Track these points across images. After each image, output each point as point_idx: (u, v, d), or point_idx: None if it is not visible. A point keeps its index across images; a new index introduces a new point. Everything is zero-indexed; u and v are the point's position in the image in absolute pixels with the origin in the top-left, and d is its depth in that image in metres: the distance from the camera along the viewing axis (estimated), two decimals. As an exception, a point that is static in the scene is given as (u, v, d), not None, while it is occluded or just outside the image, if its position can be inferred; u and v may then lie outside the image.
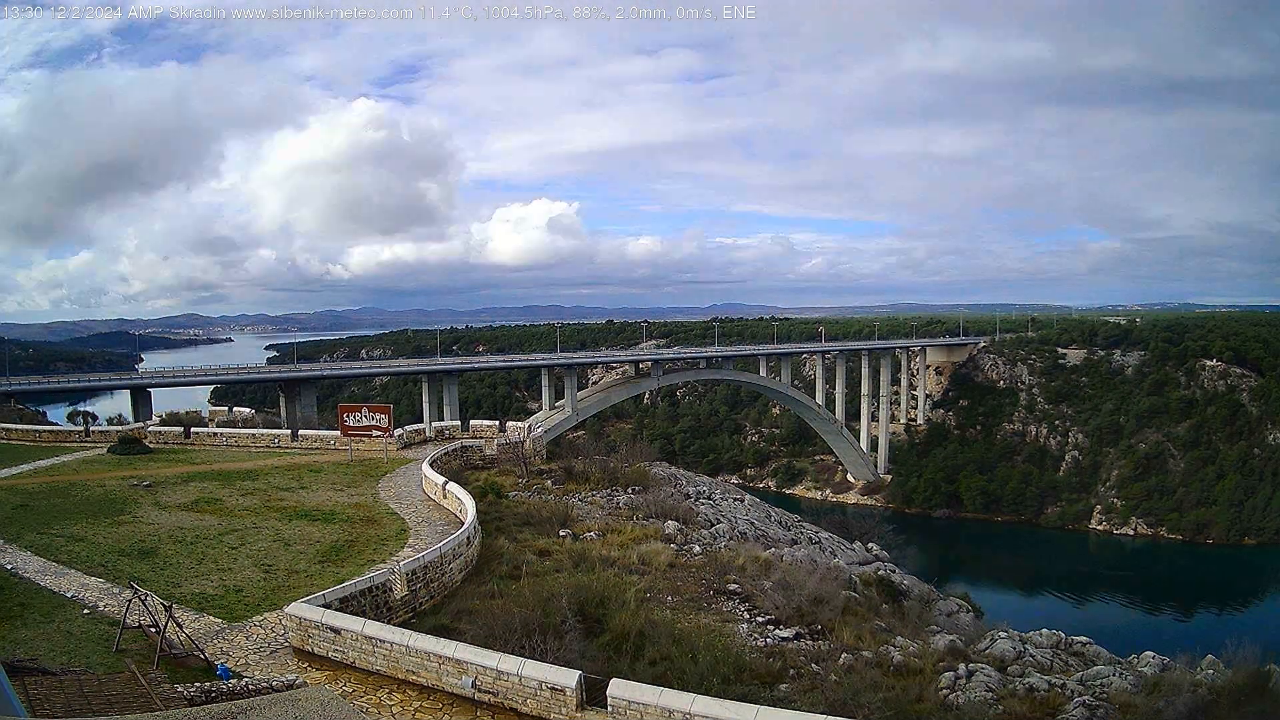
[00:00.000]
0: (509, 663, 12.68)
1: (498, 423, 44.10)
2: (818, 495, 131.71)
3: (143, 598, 15.11)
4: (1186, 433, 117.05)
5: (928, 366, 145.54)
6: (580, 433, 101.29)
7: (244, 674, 13.88)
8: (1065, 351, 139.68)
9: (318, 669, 14.28)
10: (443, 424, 46.69)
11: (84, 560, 20.10)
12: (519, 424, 44.45)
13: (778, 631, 17.99)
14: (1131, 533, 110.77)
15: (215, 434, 42.47)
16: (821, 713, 11.05)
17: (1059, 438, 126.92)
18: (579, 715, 11.96)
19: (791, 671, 15.28)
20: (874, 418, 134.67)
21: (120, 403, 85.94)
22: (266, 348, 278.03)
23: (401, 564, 18.17)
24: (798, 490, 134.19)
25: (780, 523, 38.37)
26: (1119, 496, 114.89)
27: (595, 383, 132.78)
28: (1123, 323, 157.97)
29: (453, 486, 26.77)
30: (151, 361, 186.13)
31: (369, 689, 13.53)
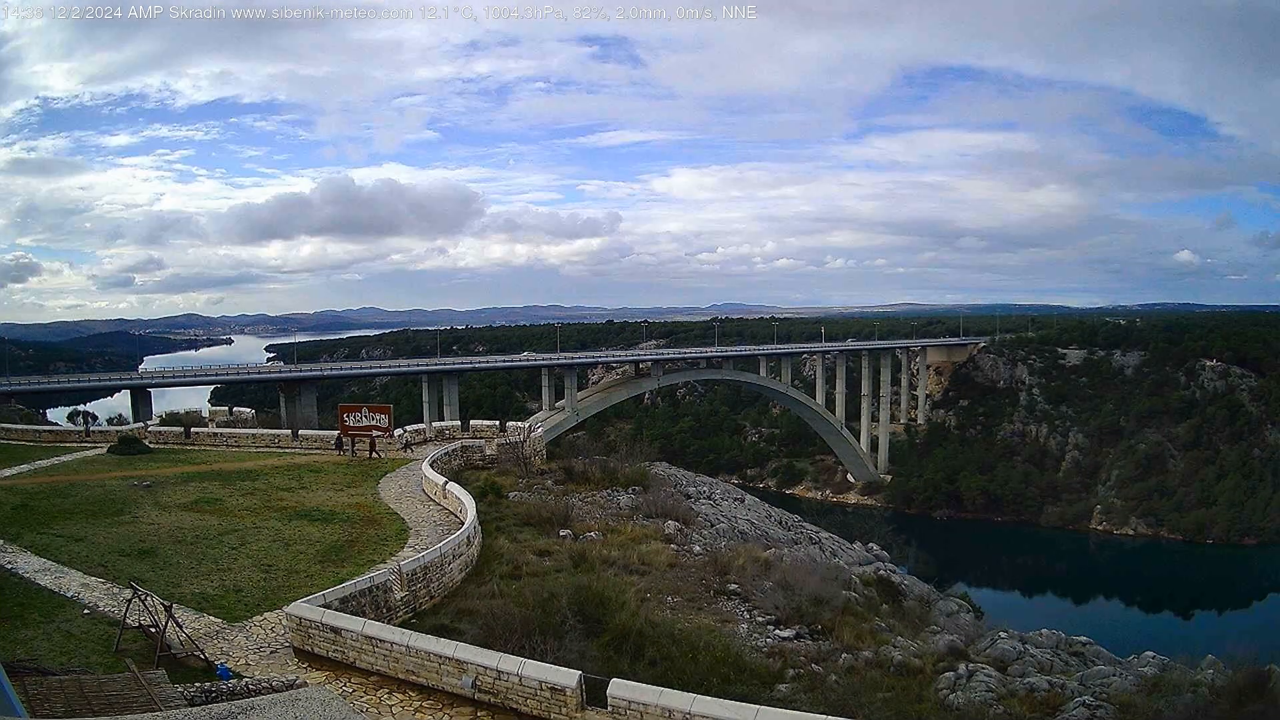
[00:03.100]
0: (509, 663, 12.68)
1: (498, 423, 44.10)
2: (818, 495, 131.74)
3: (143, 598, 15.10)
4: (1186, 433, 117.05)
5: (928, 366, 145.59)
6: (580, 433, 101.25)
7: (244, 674, 13.87)
8: (1065, 351, 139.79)
9: (318, 669, 14.27)
10: (443, 424, 46.72)
11: (84, 560, 20.08)
12: (519, 424, 44.44)
13: (778, 631, 18.00)
14: (1131, 533, 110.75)
15: (215, 434, 42.45)
16: (821, 713, 11.05)
17: (1059, 438, 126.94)
18: (579, 715, 11.96)
19: (791, 671, 15.29)
20: (874, 418, 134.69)
21: (120, 403, 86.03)
22: (266, 348, 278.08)
23: (402, 564, 18.17)
24: (798, 490, 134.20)
25: (780, 523, 38.38)
26: (1119, 496, 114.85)
27: (595, 383, 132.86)
28: (1123, 323, 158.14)
29: (453, 486, 26.77)
30: (152, 362, 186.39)
31: (369, 689, 13.52)
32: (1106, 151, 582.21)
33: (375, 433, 37.28)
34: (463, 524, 22.48)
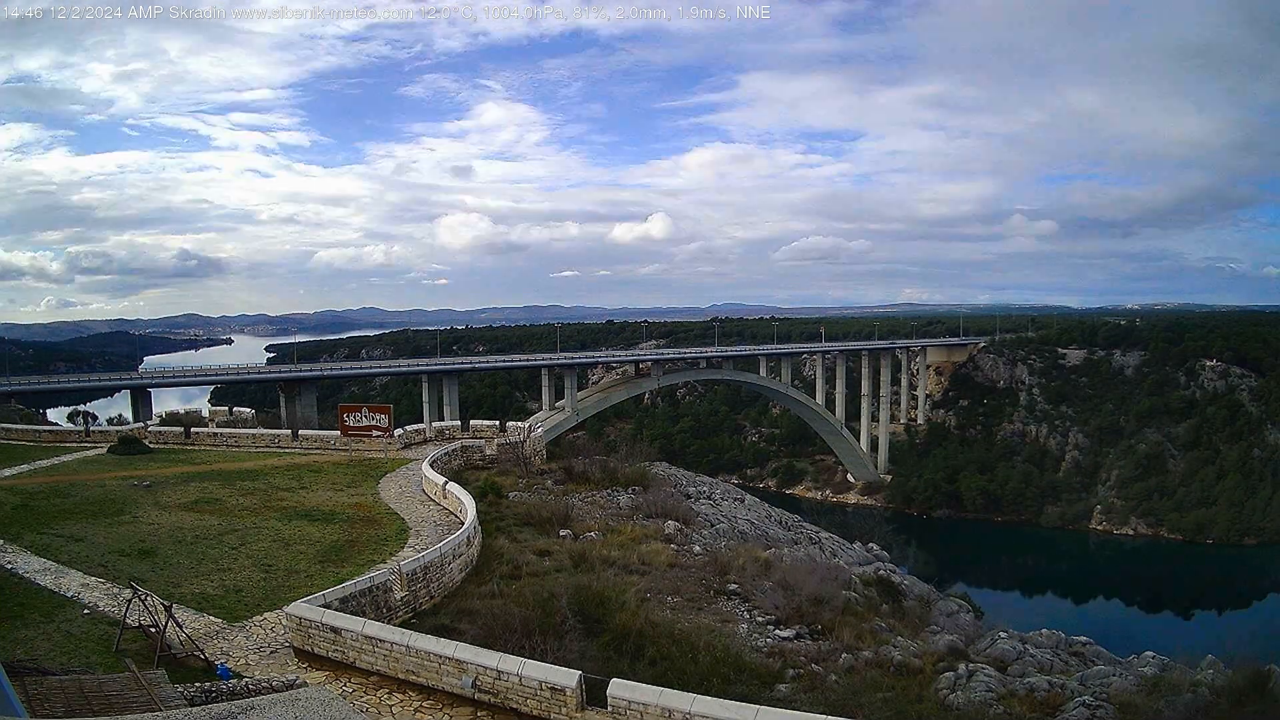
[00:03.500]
0: (509, 663, 12.68)
1: (498, 423, 44.11)
2: (818, 495, 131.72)
3: (143, 598, 15.11)
4: (1186, 433, 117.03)
5: (928, 366, 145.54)
6: (580, 433, 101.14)
7: (244, 674, 13.87)
8: (1065, 351, 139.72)
9: (318, 669, 14.27)
10: (443, 424, 46.72)
11: (84, 560, 20.09)
12: (519, 424, 44.44)
13: (778, 631, 18.01)
14: (1131, 533, 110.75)
15: (215, 434, 42.46)
16: (821, 713, 11.04)
17: (1059, 438, 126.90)
18: (579, 715, 11.96)
19: (791, 671, 15.29)
20: (874, 418, 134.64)
21: (120, 403, 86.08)
22: (266, 348, 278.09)
23: (402, 564, 18.17)
24: (798, 490, 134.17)
25: (780, 523, 38.39)
26: (1119, 496, 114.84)
27: (595, 383, 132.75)
28: (1123, 323, 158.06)
29: (453, 486, 26.77)
30: (152, 362, 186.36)
31: (369, 689, 13.53)
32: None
33: (375, 432, 37.28)
34: (463, 524, 22.48)
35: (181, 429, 42.80)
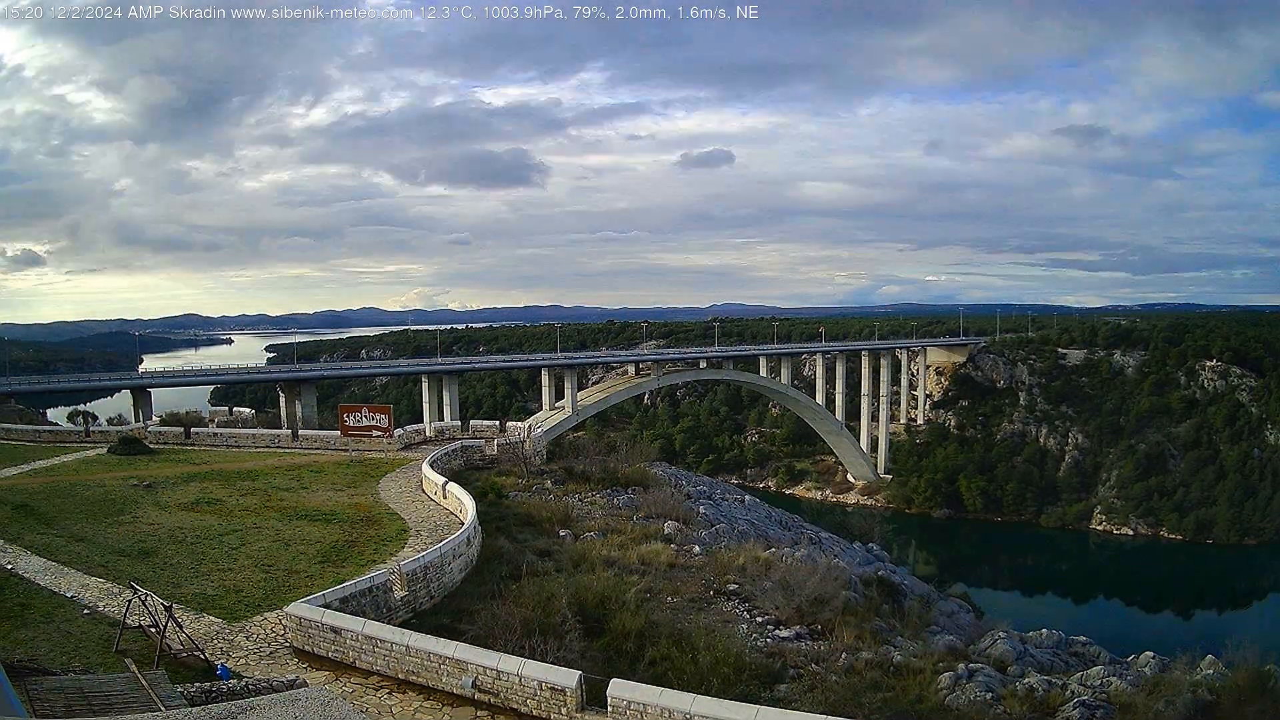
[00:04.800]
0: (509, 663, 12.68)
1: (498, 423, 44.17)
2: (818, 495, 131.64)
3: (143, 598, 15.11)
4: (1187, 433, 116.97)
5: (928, 366, 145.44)
6: (580, 433, 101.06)
7: (244, 674, 13.87)
8: (1065, 351, 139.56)
9: (318, 669, 14.28)
10: (443, 424, 46.76)
11: (84, 560, 20.10)
12: (519, 424, 44.50)
13: (778, 631, 18.01)
14: (1132, 533, 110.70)
15: (215, 434, 42.48)
16: (821, 713, 11.06)
17: (1059, 438, 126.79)
18: (579, 715, 11.96)
19: (791, 671, 15.30)
20: (874, 418, 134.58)
21: (120, 403, 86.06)
22: (266, 348, 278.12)
23: (402, 564, 18.17)
24: (798, 490, 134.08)
25: (780, 523, 38.42)
26: (1119, 497, 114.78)
27: (595, 383, 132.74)
28: (1123, 323, 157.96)
29: (453, 486, 26.78)
30: (152, 362, 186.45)
31: (369, 689, 13.53)
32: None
33: (375, 432, 37.31)
34: (463, 524, 22.49)
35: (181, 429, 42.81)
